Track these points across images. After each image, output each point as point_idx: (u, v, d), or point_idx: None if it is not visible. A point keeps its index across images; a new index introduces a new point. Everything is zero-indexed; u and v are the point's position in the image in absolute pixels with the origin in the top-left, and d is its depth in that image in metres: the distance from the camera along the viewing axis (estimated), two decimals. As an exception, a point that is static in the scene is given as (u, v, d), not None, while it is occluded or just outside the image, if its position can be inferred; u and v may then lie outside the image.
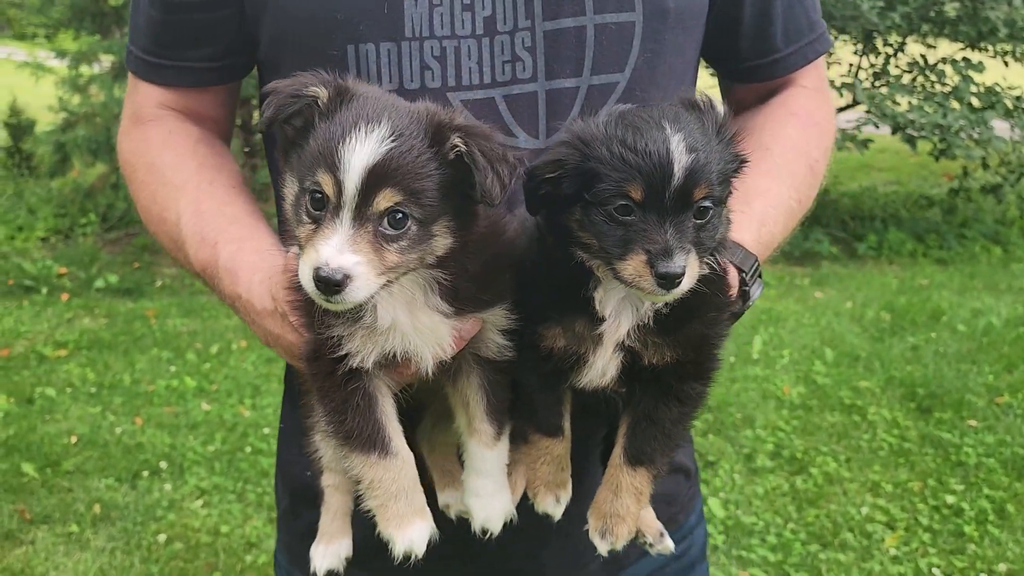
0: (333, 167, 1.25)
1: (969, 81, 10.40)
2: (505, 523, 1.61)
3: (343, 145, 1.25)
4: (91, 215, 10.32)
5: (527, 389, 1.56)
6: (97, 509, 5.24)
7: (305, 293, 1.37)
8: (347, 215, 1.26)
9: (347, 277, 1.24)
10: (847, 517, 5.22)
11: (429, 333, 1.42)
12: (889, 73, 11.05)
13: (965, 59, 10.67)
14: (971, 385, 6.74)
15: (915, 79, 10.84)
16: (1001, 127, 10.45)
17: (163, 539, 5.01)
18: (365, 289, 1.26)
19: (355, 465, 1.47)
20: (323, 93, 1.31)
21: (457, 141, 1.29)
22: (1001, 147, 10.34)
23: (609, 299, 1.42)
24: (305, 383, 1.65)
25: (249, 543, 5.01)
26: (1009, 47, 10.83)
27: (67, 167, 10.97)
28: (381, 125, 1.26)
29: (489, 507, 1.59)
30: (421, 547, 1.49)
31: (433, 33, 1.57)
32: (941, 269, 10.03)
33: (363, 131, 1.25)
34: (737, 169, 1.42)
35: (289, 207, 1.35)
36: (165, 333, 7.93)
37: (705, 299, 1.41)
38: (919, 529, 5.11)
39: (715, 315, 1.48)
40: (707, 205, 1.34)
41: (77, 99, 10.54)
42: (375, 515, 1.50)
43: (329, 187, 1.26)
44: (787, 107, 1.89)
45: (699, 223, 1.34)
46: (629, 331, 1.43)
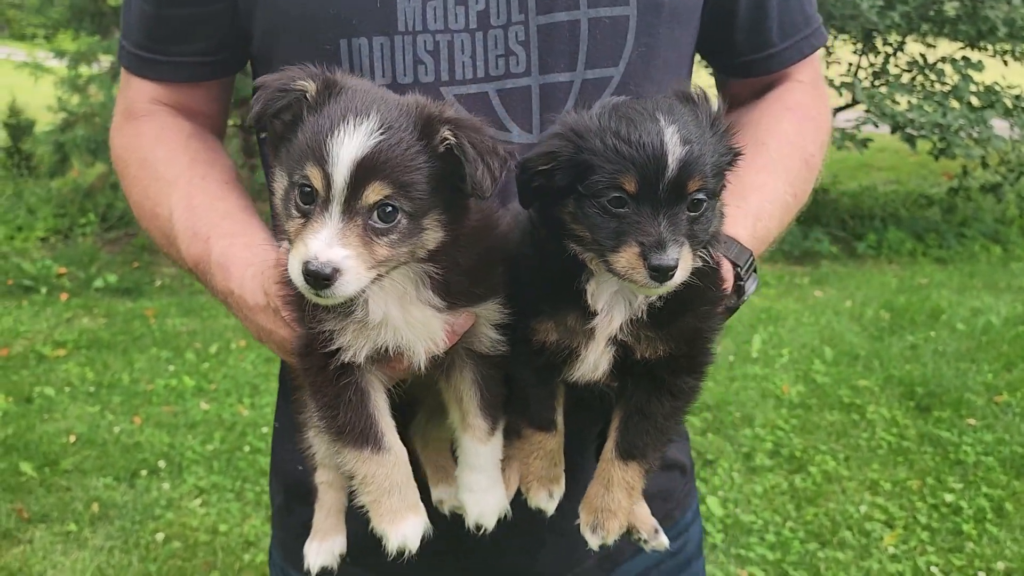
0: (322, 160, 1.24)
1: (968, 80, 10.40)
2: (499, 519, 1.60)
3: (331, 138, 1.24)
4: (90, 215, 10.32)
5: (520, 383, 1.55)
6: (95, 508, 5.23)
7: (297, 287, 1.36)
8: (336, 209, 1.25)
9: (336, 271, 1.23)
10: (846, 515, 5.21)
11: (421, 327, 1.41)
12: (889, 72, 11.04)
13: (964, 58, 10.67)
14: (970, 384, 6.74)
15: (914, 78, 10.84)
16: (1000, 126, 10.45)
17: (161, 538, 5.00)
18: (355, 283, 1.25)
19: (348, 461, 1.46)
20: (311, 87, 1.30)
21: (447, 133, 1.28)
22: (1000, 146, 10.33)
23: (601, 293, 1.42)
24: (297, 378, 1.65)
25: (247, 542, 5.00)
26: (1008, 46, 10.83)
27: (66, 167, 10.98)
28: (370, 118, 1.25)
29: (483, 503, 1.58)
30: (415, 543, 1.48)
31: (426, 27, 1.57)
32: (940, 268, 10.03)
33: (351, 124, 1.24)
34: (731, 162, 1.42)
35: (279, 201, 1.34)
36: (164, 333, 7.92)
37: (698, 292, 1.41)
38: (918, 527, 5.10)
39: (708, 309, 1.48)
40: (701, 197, 1.33)
41: (76, 99, 10.55)
42: (368, 511, 1.49)
43: (318, 181, 1.25)
44: (783, 102, 1.89)
45: (693, 215, 1.33)
46: (621, 325, 1.42)
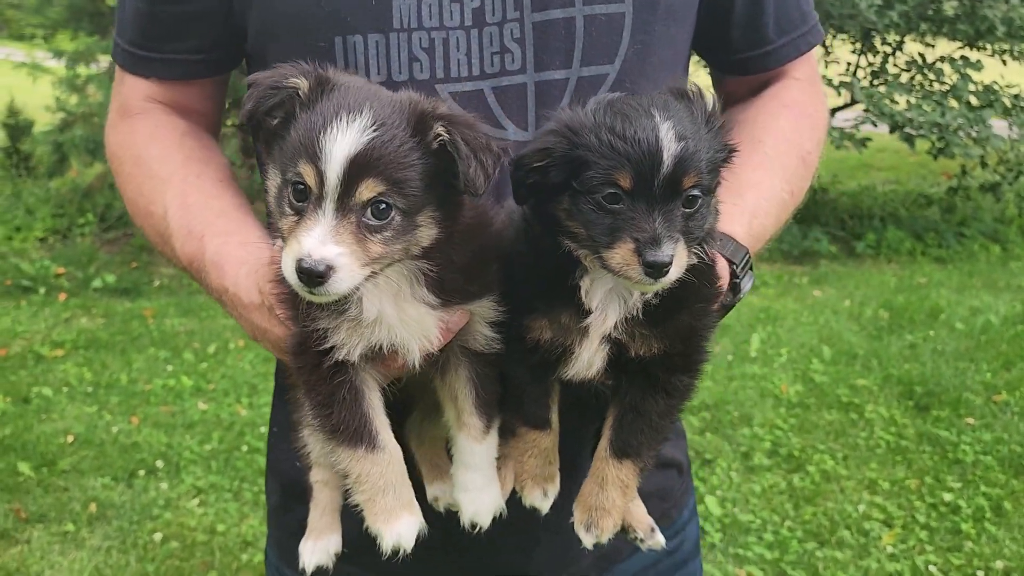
0: (315, 158, 1.23)
1: (967, 80, 10.40)
2: (494, 517, 1.59)
3: (324, 135, 1.23)
4: (89, 215, 10.31)
5: (514, 381, 1.55)
6: (93, 508, 5.23)
7: (290, 285, 1.36)
8: (329, 206, 1.24)
9: (330, 268, 1.22)
10: (844, 515, 5.21)
11: (415, 325, 1.41)
12: (887, 72, 11.04)
13: (963, 58, 10.67)
14: (969, 383, 6.74)
15: (913, 78, 10.84)
16: (999, 126, 10.45)
17: (159, 538, 5.00)
18: (348, 281, 1.25)
19: (342, 459, 1.45)
20: (303, 84, 1.29)
21: (440, 130, 1.28)
22: (999, 145, 10.32)
23: (596, 291, 1.41)
24: (291, 377, 1.64)
25: (245, 542, 4.99)
26: (1007, 46, 10.83)
27: (65, 167, 10.98)
28: (363, 114, 1.25)
29: (478, 501, 1.58)
30: (409, 542, 1.47)
31: (421, 24, 1.56)
32: (939, 267, 10.03)
33: (344, 121, 1.24)
34: (726, 158, 1.41)
35: (272, 199, 1.34)
36: (162, 333, 7.92)
37: (693, 290, 1.40)
38: (916, 527, 5.10)
39: (703, 306, 1.47)
40: (696, 194, 1.33)
41: (75, 99, 10.55)
42: (363, 510, 1.48)
43: (311, 178, 1.25)
44: (779, 99, 1.88)
45: (688, 212, 1.33)
46: (616, 323, 1.41)
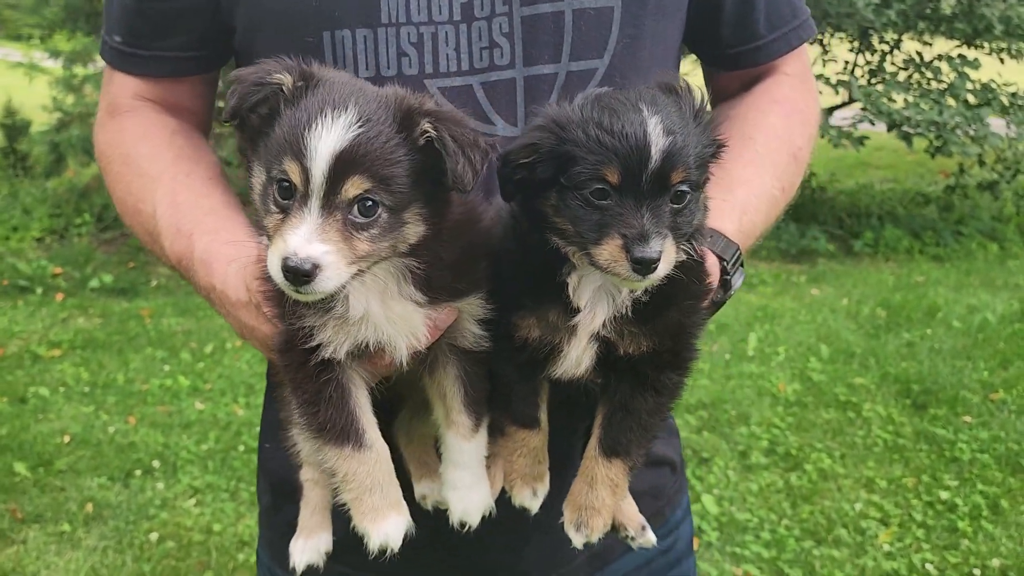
0: (299, 155, 1.22)
1: (965, 78, 10.39)
2: (484, 516, 1.58)
3: (309, 132, 1.22)
4: (86, 215, 10.29)
5: (503, 380, 1.54)
6: (89, 508, 5.22)
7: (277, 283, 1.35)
8: (315, 204, 1.23)
9: (316, 267, 1.21)
10: (841, 513, 5.20)
11: (403, 323, 1.40)
12: (885, 70, 11.02)
13: (961, 56, 10.66)
14: (966, 381, 6.73)
15: (911, 76, 10.83)
16: (997, 124, 10.44)
17: (155, 538, 4.99)
18: (335, 279, 1.24)
19: (329, 458, 1.45)
20: (287, 80, 1.28)
21: (427, 126, 1.26)
22: (997, 144, 10.31)
23: (584, 288, 1.40)
24: (278, 375, 1.63)
25: (242, 541, 4.98)
26: (1005, 44, 10.82)
27: (62, 167, 10.96)
28: (348, 111, 1.23)
29: (467, 500, 1.57)
30: (397, 541, 1.46)
31: (410, 19, 1.55)
32: (937, 266, 10.02)
33: (329, 117, 1.22)
34: (714, 153, 1.40)
35: (257, 197, 1.32)
36: (160, 332, 7.91)
37: (682, 287, 1.39)
38: (913, 525, 5.09)
39: (693, 303, 1.46)
40: (684, 189, 1.32)
41: (71, 99, 10.54)
42: (350, 509, 1.48)
43: (296, 175, 1.23)
44: (770, 95, 1.88)
45: (676, 208, 1.32)
46: (605, 321, 1.40)
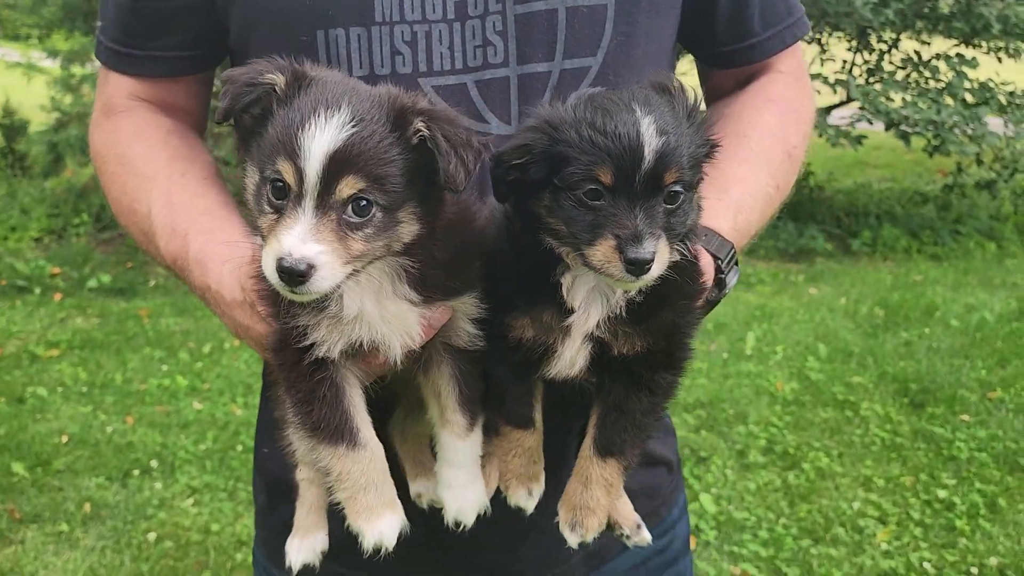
0: (293, 155, 1.22)
1: (963, 77, 10.40)
2: (479, 515, 1.58)
3: (303, 132, 1.22)
4: (84, 215, 10.29)
5: (497, 380, 1.54)
6: (87, 508, 5.22)
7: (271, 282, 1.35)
8: (309, 203, 1.23)
9: (311, 267, 1.21)
10: (839, 512, 5.21)
11: (397, 322, 1.40)
12: (883, 69, 11.03)
13: (959, 55, 10.67)
14: (964, 380, 6.74)
15: (909, 75, 10.84)
16: (995, 123, 10.45)
17: (153, 538, 4.99)
18: (330, 279, 1.24)
19: (323, 457, 1.45)
20: (280, 79, 1.28)
21: (420, 125, 1.26)
22: (995, 143, 10.32)
23: (578, 289, 1.40)
24: (273, 374, 1.63)
25: (240, 541, 4.98)
26: (1002, 43, 10.83)
27: (60, 167, 10.97)
28: (341, 110, 1.23)
29: (462, 499, 1.57)
30: (391, 540, 1.46)
31: (404, 18, 1.55)
32: (935, 265, 10.03)
33: (323, 117, 1.22)
34: (708, 153, 1.40)
35: (250, 197, 1.32)
36: (158, 332, 7.91)
37: (676, 287, 1.39)
38: (911, 523, 5.10)
39: (687, 303, 1.46)
40: (678, 190, 1.31)
41: (69, 99, 10.53)
42: (344, 508, 1.48)
43: (290, 175, 1.23)
44: (764, 93, 1.87)
45: (670, 208, 1.32)
46: (599, 322, 1.40)
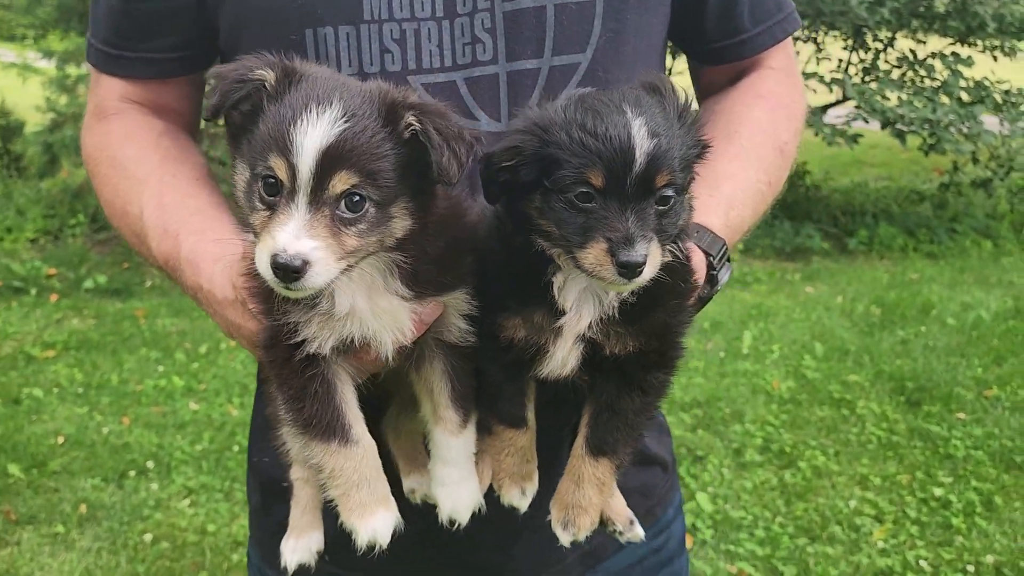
0: (286, 151, 1.22)
1: (958, 76, 10.42)
2: (473, 513, 1.58)
3: (295, 128, 1.22)
4: (80, 216, 10.27)
5: (489, 380, 1.54)
6: (83, 509, 5.21)
7: (262, 280, 1.34)
8: (302, 199, 1.23)
9: (306, 263, 1.21)
10: (835, 510, 5.21)
11: (388, 317, 1.40)
12: (879, 68, 11.05)
13: (954, 54, 10.69)
14: (960, 378, 6.75)
15: (904, 74, 10.85)
16: (990, 121, 10.47)
17: (149, 539, 4.98)
18: (325, 274, 1.24)
19: (316, 454, 1.44)
20: (270, 75, 1.27)
21: (411, 119, 1.26)
22: (991, 141, 10.33)
23: (570, 290, 1.40)
24: (264, 371, 1.63)
25: (236, 542, 4.98)
26: (998, 42, 10.87)
27: (56, 168, 10.94)
28: (333, 105, 1.23)
29: (456, 496, 1.56)
30: (385, 537, 1.46)
31: (392, 16, 1.55)
32: (931, 263, 10.04)
33: (315, 112, 1.22)
34: (700, 155, 1.40)
35: (241, 194, 1.32)
36: (154, 333, 7.89)
37: (668, 287, 1.39)
38: (907, 522, 5.11)
39: (678, 303, 1.46)
40: (669, 193, 1.31)
41: (65, 99, 10.51)
42: (337, 505, 1.47)
43: (282, 171, 1.23)
44: (755, 89, 1.88)
45: (661, 210, 1.31)
46: (590, 323, 1.40)
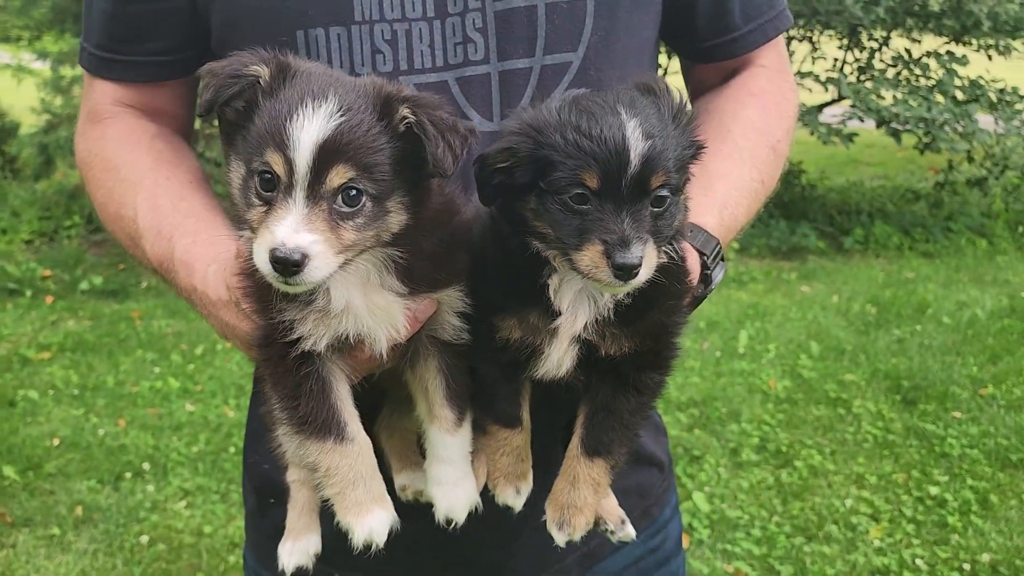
0: (282, 145, 1.22)
1: (953, 75, 10.43)
2: (472, 513, 1.57)
3: (291, 122, 1.22)
4: (75, 217, 10.24)
5: (485, 380, 1.53)
6: (79, 511, 5.20)
7: (257, 279, 1.34)
8: (300, 194, 1.23)
9: (305, 257, 1.21)
10: (832, 509, 5.22)
11: (383, 314, 1.40)
12: (874, 67, 11.06)
13: (949, 53, 10.70)
14: (955, 377, 6.76)
15: (899, 73, 10.87)
16: (985, 120, 10.48)
17: (145, 540, 4.97)
18: (324, 268, 1.23)
19: (311, 452, 1.44)
20: (264, 71, 1.27)
21: (406, 112, 1.26)
22: (985, 140, 10.35)
23: (565, 291, 1.40)
24: (259, 370, 1.63)
25: (232, 543, 4.97)
26: (992, 40, 10.86)
27: (51, 169, 10.90)
28: (328, 100, 1.23)
29: (452, 496, 1.56)
30: (382, 536, 1.45)
31: (383, 16, 1.55)
32: (927, 262, 10.06)
33: (310, 107, 1.22)
34: (694, 155, 1.39)
35: (236, 191, 1.32)
36: (150, 334, 7.87)
37: (663, 288, 1.39)
38: (903, 520, 5.11)
39: (674, 304, 1.46)
40: (664, 194, 1.31)
41: (60, 101, 10.48)
42: (333, 504, 1.46)
43: (279, 166, 1.23)
44: (747, 88, 1.88)
45: (657, 211, 1.31)
46: (586, 324, 1.40)
